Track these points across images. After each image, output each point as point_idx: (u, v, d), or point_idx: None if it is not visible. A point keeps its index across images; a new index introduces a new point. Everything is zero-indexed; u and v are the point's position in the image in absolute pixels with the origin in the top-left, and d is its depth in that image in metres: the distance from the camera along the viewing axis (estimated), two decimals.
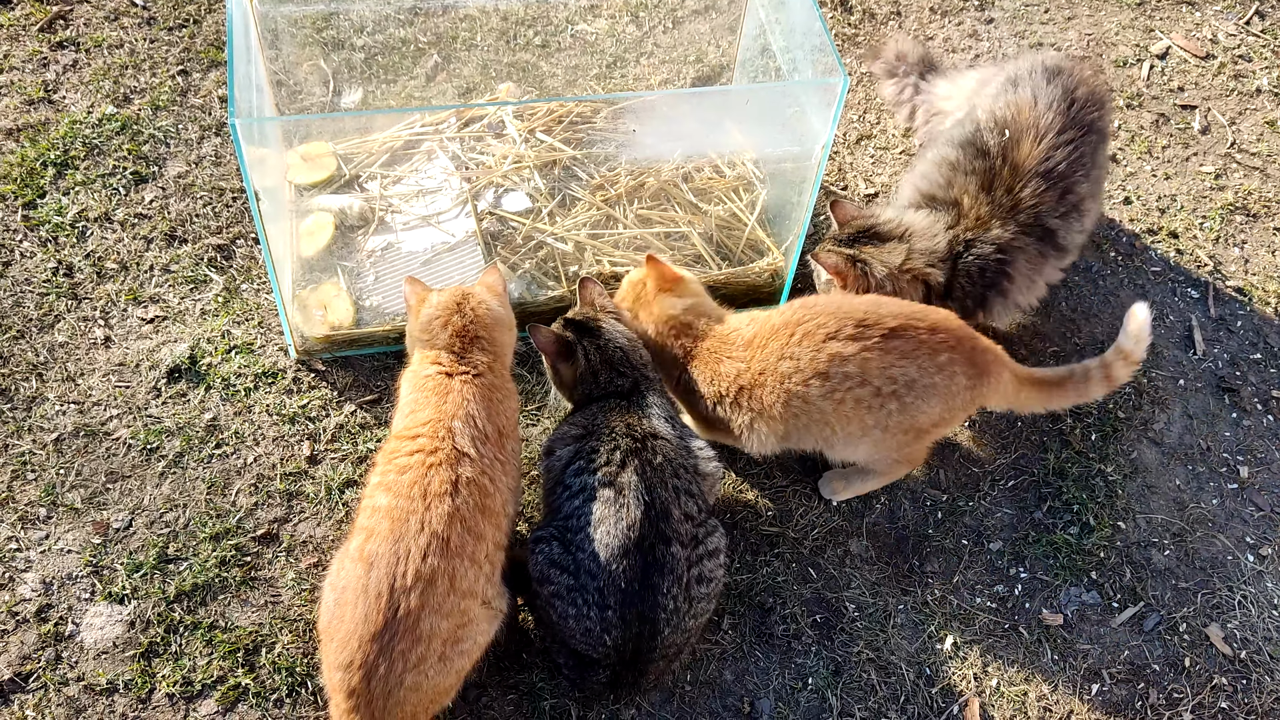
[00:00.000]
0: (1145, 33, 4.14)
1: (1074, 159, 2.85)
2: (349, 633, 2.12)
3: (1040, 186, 2.84)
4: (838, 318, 2.56)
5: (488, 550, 2.26)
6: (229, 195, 3.36)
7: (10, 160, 3.35)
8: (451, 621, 2.16)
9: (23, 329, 3.02)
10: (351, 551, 2.20)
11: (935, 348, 2.55)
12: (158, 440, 2.84)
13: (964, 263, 2.84)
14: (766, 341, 2.60)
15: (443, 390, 2.39)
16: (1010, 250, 2.84)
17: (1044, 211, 2.85)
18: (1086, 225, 2.96)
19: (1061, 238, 2.89)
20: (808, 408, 2.56)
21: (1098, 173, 2.97)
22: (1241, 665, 2.68)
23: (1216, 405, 3.14)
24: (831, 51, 2.76)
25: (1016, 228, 2.84)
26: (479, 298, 2.55)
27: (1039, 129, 2.86)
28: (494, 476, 2.32)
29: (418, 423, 2.35)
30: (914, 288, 2.84)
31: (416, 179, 3.34)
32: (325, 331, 3.03)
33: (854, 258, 2.83)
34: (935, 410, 2.59)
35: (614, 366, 2.60)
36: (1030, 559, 2.82)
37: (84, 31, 3.76)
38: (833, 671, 2.61)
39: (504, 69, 3.77)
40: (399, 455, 2.29)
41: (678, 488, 2.40)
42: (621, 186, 3.29)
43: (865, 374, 2.52)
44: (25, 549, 2.66)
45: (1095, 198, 2.99)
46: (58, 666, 2.49)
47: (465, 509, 2.22)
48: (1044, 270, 2.94)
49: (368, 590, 2.12)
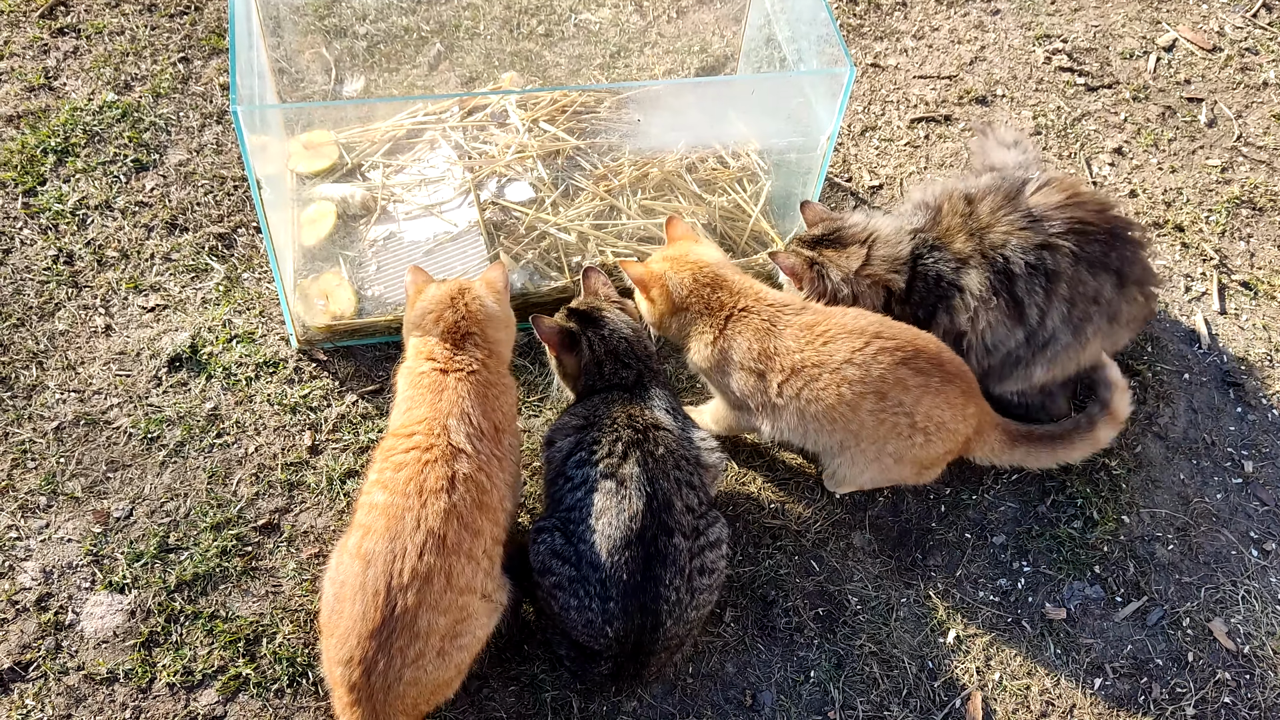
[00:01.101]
0: (1152, 25, 4.12)
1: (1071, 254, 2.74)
2: (348, 629, 2.13)
3: (1020, 224, 2.75)
4: (914, 346, 2.59)
5: (486, 545, 2.26)
6: (230, 183, 3.35)
7: (10, 147, 3.34)
8: (449, 617, 2.16)
9: (23, 317, 3.00)
10: (349, 548, 2.20)
11: (969, 394, 2.66)
12: (158, 429, 2.83)
13: (923, 265, 2.79)
14: (836, 337, 2.59)
15: (438, 387, 2.38)
16: (966, 268, 2.76)
17: (1012, 245, 2.73)
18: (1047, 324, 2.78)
19: (1020, 289, 2.74)
20: (852, 416, 2.57)
21: (1085, 318, 2.79)
22: (1245, 660, 2.67)
23: (1221, 399, 3.13)
24: (838, 41, 2.74)
25: (978, 248, 2.76)
26: (474, 293, 2.53)
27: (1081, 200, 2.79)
28: (491, 472, 2.31)
29: (413, 420, 2.34)
30: (874, 292, 2.80)
31: (419, 168, 3.32)
32: (327, 321, 3.01)
33: (812, 260, 2.82)
34: (943, 449, 2.67)
35: (618, 357, 2.59)
36: (1033, 553, 2.81)
37: (85, 18, 3.74)
38: (835, 664, 2.60)
39: (507, 58, 3.75)
40: (395, 452, 2.28)
41: (679, 479, 2.39)
42: (625, 177, 3.27)
43: (914, 408, 2.57)
44: (25, 537, 2.65)
45: (1072, 332, 2.79)
46: (58, 656, 2.49)
47: (462, 505, 2.21)
48: (991, 310, 2.77)
49: (365, 587, 2.12)
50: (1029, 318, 2.75)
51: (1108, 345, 2.85)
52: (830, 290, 2.79)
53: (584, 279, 2.74)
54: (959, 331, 2.79)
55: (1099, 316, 2.77)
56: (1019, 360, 2.82)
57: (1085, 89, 3.89)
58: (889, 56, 3.95)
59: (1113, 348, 2.88)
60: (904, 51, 3.97)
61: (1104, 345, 2.84)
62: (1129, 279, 2.78)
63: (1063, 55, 3.98)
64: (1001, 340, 2.78)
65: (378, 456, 2.33)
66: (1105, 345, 2.84)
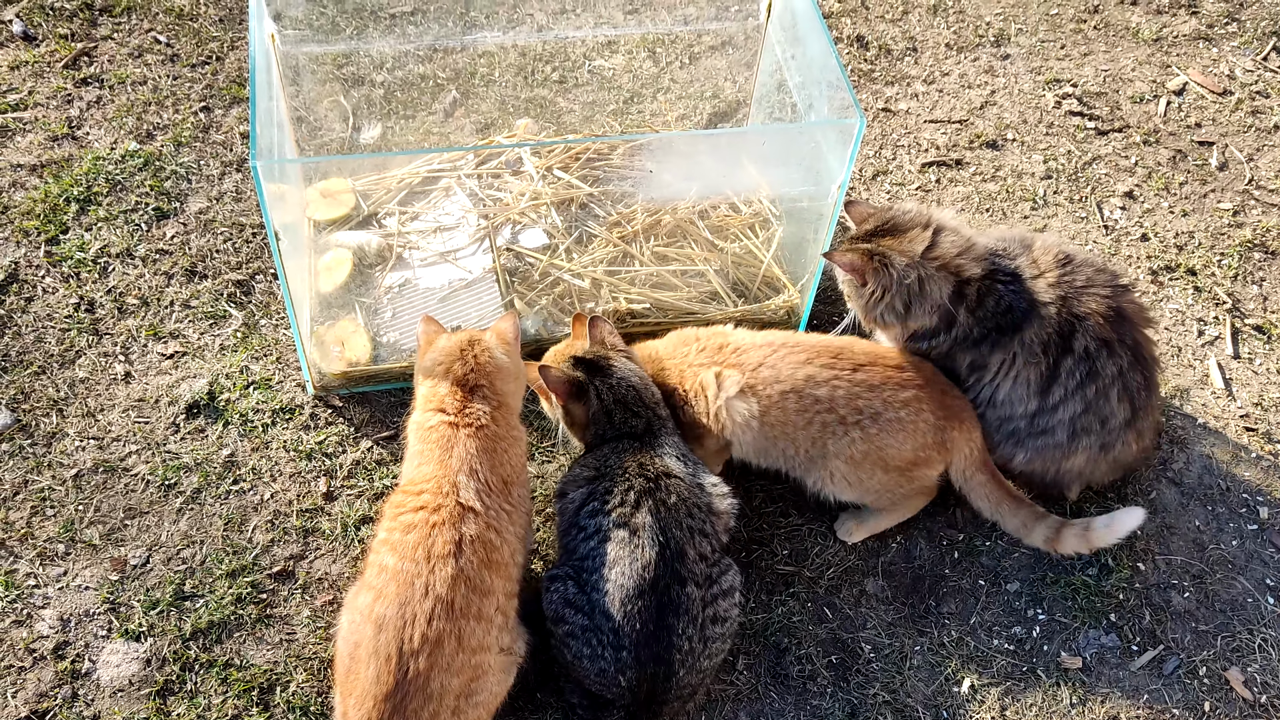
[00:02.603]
0: (1162, 69, 4.15)
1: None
2: (364, 691, 2.15)
3: (1106, 310, 2.68)
4: (816, 348, 2.71)
5: (498, 603, 2.27)
6: (249, 231, 3.39)
7: (34, 196, 3.40)
8: (462, 678, 2.18)
9: (44, 364, 3.05)
10: (361, 608, 2.22)
11: (903, 384, 2.68)
12: (176, 476, 2.86)
13: (1001, 283, 2.68)
14: (746, 350, 2.73)
15: (447, 443, 2.39)
16: (1037, 313, 2.69)
17: (1089, 325, 2.67)
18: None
19: (1065, 366, 2.67)
20: (785, 420, 2.66)
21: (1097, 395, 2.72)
22: (1262, 709, 2.65)
23: (1236, 445, 3.12)
24: (847, 90, 2.77)
25: (1061, 302, 2.69)
26: (484, 345, 2.55)
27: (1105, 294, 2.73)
28: (500, 528, 2.33)
29: (423, 477, 2.36)
30: (943, 280, 2.67)
31: (434, 215, 3.36)
32: (343, 368, 3.04)
33: (871, 252, 2.70)
34: (905, 446, 2.66)
35: (627, 406, 2.60)
36: (1048, 600, 2.80)
37: (108, 68, 3.81)
38: (849, 714, 2.59)
39: (522, 104, 3.80)
40: (404, 510, 2.30)
41: (692, 528, 2.40)
42: (638, 223, 3.30)
43: (833, 401, 2.64)
44: (43, 585, 2.67)
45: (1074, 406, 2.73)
46: (74, 704, 2.50)
47: (470, 569, 2.23)
48: (1029, 368, 2.72)
49: (378, 652, 2.15)
50: (1050, 396, 2.71)
51: (1086, 470, 2.82)
52: (895, 279, 2.67)
53: (590, 327, 2.76)
54: (981, 365, 2.75)
55: (1096, 436, 2.74)
56: (1013, 434, 2.78)
57: (1096, 133, 3.91)
58: (900, 101, 3.98)
59: (1086, 478, 2.87)
60: (915, 96, 4.00)
61: (1081, 467, 2.80)
62: (1135, 423, 2.77)
63: (1073, 99, 4.00)
64: (1011, 403, 2.75)
65: (388, 511, 2.35)
66: (1085, 468, 2.81)
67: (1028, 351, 2.69)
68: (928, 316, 2.72)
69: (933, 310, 2.70)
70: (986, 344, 2.72)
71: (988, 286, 2.70)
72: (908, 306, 2.71)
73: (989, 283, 2.70)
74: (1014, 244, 2.79)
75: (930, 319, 2.73)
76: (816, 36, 2.96)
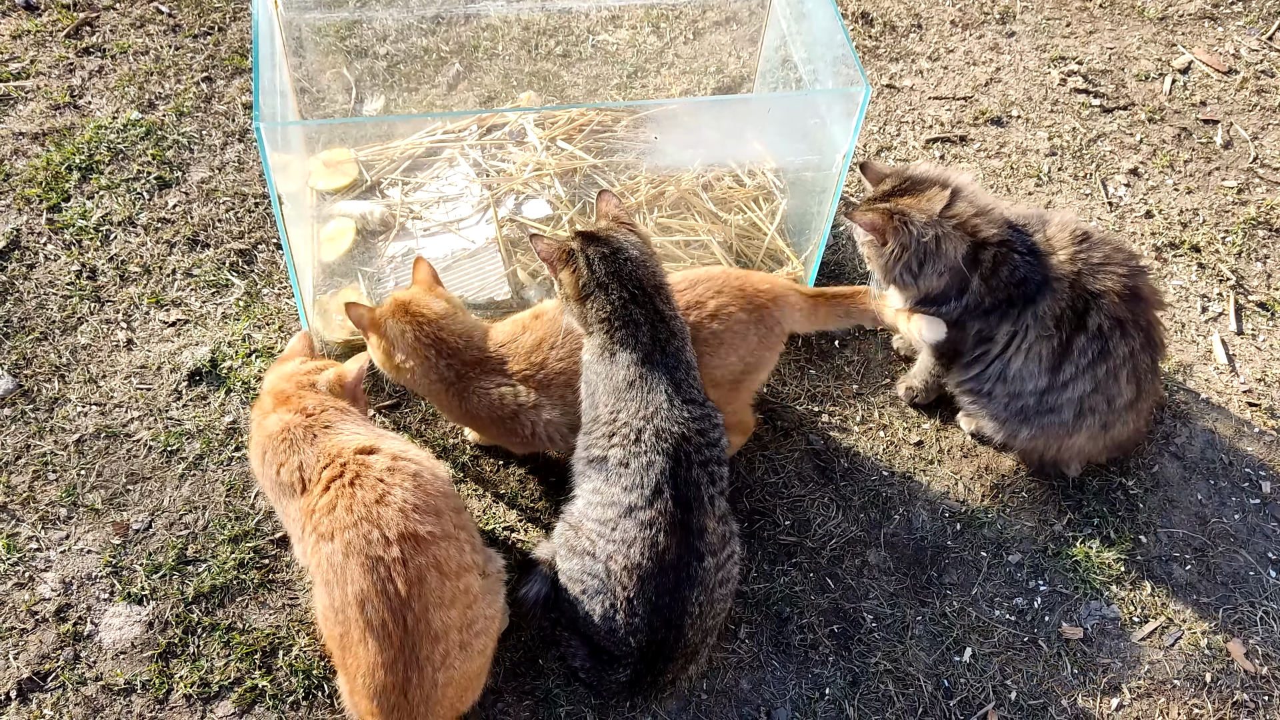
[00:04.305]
0: (1167, 47, 4.14)
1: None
2: (372, 663, 2.10)
3: (1121, 288, 2.66)
4: None
5: (455, 520, 2.24)
6: (251, 200, 3.38)
7: (36, 164, 3.38)
8: (457, 608, 2.15)
9: (46, 331, 3.04)
10: (337, 605, 2.14)
11: (700, 298, 2.61)
12: (178, 442, 2.86)
13: (1016, 254, 2.65)
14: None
15: (305, 433, 2.34)
16: (1050, 288, 2.67)
17: (1104, 302, 2.65)
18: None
19: (1079, 343, 2.68)
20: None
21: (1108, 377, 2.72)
22: (1263, 681, 2.66)
23: (1239, 420, 3.12)
24: (854, 61, 2.76)
25: (1076, 277, 2.67)
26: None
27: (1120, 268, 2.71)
28: (404, 451, 2.29)
29: (321, 462, 2.30)
30: (959, 239, 2.63)
31: (437, 185, 3.35)
32: (345, 336, 3.04)
33: (890, 211, 2.64)
34: (730, 359, 2.62)
35: (623, 284, 2.39)
36: (1050, 572, 2.80)
37: (110, 38, 3.79)
38: (850, 682, 2.60)
39: (525, 78, 3.79)
40: (316, 500, 2.23)
41: (712, 496, 2.35)
42: (642, 195, 3.29)
43: None
44: (45, 549, 2.67)
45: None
46: (76, 666, 2.50)
47: (408, 498, 2.18)
48: (1041, 342, 2.71)
49: (371, 624, 2.10)
50: (1061, 373, 2.70)
51: (1086, 448, 2.82)
52: (914, 238, 2.62)
53: (596, 202, 2.56)
54: (988, 336, 2.73)
55: (1100, 416, 2.74)
56: (1020, 411, 2.77)
57: (1100, 110, 3.90)
58: (904, 78, 3.97)
59: (1085, 458, 2.88)
60: (919, 73, 3.99)
61: (1082, 445, 2.81)
62: (1137, 404, 2.77)
63: (1078, 77, 3.99)
64: (1023, 378, 2.73)
65: (304, 523, 2.26)
66: (1085, 447, 2.82)
67: (1040, 325, 2.67)
68: (939, 278, 2.68)
69: (945, 270, 2.66)
70: (996, 314, 2.70)
71: (1004, 254, 2.66)
72: (921, 265, 2.66)
73: (1005, 250, 2.66)
74: (1033, 220, 2.77)
75: (942, 281, 2.69)
76: (823, 10, 2.95)
